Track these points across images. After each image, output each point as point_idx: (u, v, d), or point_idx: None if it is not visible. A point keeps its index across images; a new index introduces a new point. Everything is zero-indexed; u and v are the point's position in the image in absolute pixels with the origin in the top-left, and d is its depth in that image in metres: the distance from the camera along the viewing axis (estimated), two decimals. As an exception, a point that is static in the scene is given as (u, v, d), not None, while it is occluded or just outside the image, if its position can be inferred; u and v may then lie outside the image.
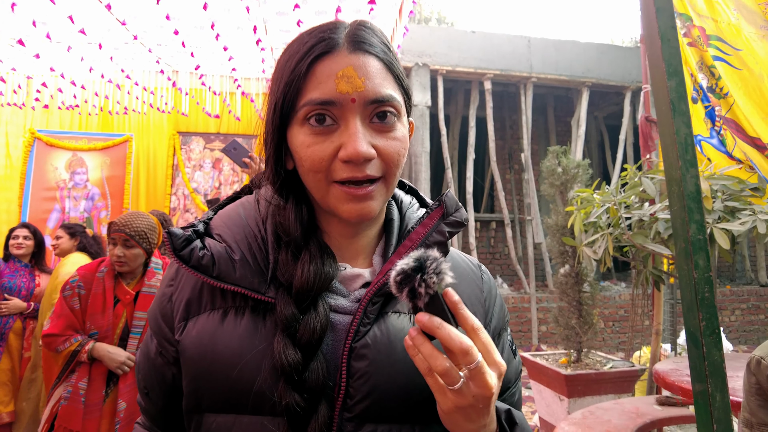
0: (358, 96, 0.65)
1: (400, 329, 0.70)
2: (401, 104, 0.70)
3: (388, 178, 0.69)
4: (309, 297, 0.66)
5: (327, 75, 0.65)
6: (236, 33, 3.71)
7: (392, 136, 0.68)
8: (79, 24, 3.35)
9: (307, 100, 0.66)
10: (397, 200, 0.83)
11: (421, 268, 0.58)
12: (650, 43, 1.22)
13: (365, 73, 0.66)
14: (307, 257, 0.69)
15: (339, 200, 0.68)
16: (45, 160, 4.91)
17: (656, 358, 3.35)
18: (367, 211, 0.68)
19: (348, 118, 0.66)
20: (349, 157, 0.64)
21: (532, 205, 7.81)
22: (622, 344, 7.56)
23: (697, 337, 1.12)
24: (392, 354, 0.68)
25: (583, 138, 8.04)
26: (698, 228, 1.15)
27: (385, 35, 0.73)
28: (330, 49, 0.66)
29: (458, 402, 0.58)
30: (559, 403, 3.53)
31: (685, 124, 1.18)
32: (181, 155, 5.45)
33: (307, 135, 0.67)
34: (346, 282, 0.73)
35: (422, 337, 0.59)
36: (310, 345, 0.65)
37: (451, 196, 0.80)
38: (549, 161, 4.15)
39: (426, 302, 0.59)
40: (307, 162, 0.67)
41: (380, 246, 0.78)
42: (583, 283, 3.80)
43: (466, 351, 0.57)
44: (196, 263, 0.68)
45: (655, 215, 2.54)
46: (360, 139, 0.64)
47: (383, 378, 0.67)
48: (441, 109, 7.63)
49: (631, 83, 8.19)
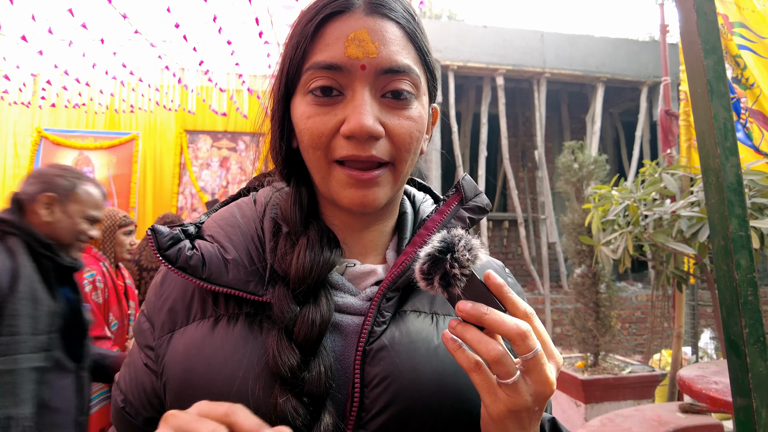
0: (369, 63, 0.57)
1: (423, 330, 0.61)
2: (421, 80, 0.61)
3: (398, 164, 0.60)
4: (307, 287, 0.58)
5: (336, 37, 0.58)
6: (241, 27, 3.63)
7: (406, 115, 0.59)
8: (80, 18, 3.29)
9: (311, 63, 0.58)
10: (409, 196, 0.75)
11: (449, 248, 0.50)
12: (685, 18, 1.10)
13: (381, 38, 0.57)
14: (304, 242, 0.61)
15: (340, 184, 0.59)
16: (52, 159, 4.88)
17: (677, 362, 3.21)
18: (371, 199, 0.59)
19: (355, 87, 0.57)
20: (351, 131, 0.56)
21: (546, 204, 7.66)
22: (639, 346, 7.38)
23: (739, 345, 1.00)
24: (415, 357, 0.58)
25: (598, 135, 7.87)
26: (740, 223, 1.02)
27: (413, 9, 0.64)
28: (344, 8, 0.58)
29: (512, 403, 0.48)
30: (576, 409, 3.40)
31: (724, 108, 1.06)
32: (188, 154, 5.41)
33: (309, 105, 0.59)
34: (356, 280, 0.65)
35: (466, 325, 0.50)
36: (309, 341, 0.55)
37: (470, 180, 0.71)
38: (565, 157, 4.01)
39: (464, 287, 0.50)
40: (306, 136, 0.59)
41: (394, 241, 0.69)
42: (600, 284, 3.66)
43: (525, 335, 0.48)
44: (184, 264, 0.60)
45: (677, 212, 2.41)
46: (366, 112, 0.56)
47: (405, 385, 0.56)
48: (452, 106, 7.51)
49: (648, 78, 8.00)
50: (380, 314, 0.60)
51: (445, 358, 0.59)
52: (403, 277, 0.62)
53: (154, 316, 0.65)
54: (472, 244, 0.51)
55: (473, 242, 0.51)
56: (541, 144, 7.72)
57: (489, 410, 0.50)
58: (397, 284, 0.62)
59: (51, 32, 3.56)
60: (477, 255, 0.51)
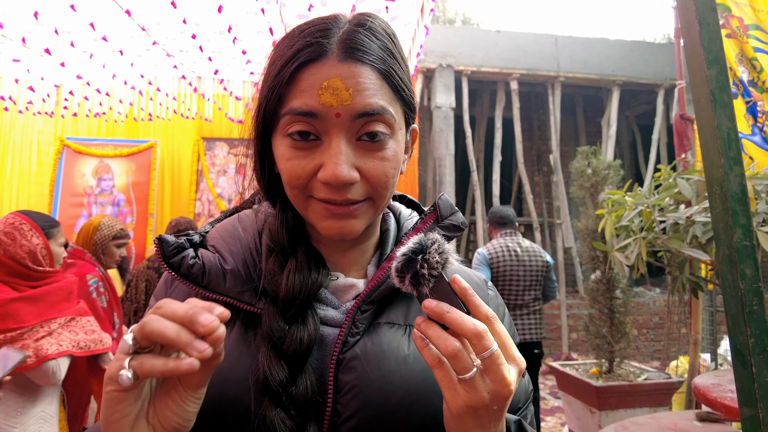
0: (344, 110, 0.59)
1: (394, 341, 0.64)
2: (395, 119, 0.62)
3: (377, 200, 0.64)
4: (295, 307, 0.62)
5: (310, 84, 0.59)
6: (255, 37, 3.69)
7: (381, 156, 0.62)
8: (101, 31, 3.38)
9: (288, 109, 0.60)
10: (395, 212, 0.79)
11: (422, 250, 0.54)
12: (687, 28, 1.10)
13: (354, 84, 0.59)
14: (293, 265, 0.64)
15: (317, 216, 0.63)
16: (73, 166, 5.00)
17: (695, 369, 3.16)
18: (348, 230, 0.63)
19: (331, 134, 0.60)
20: (327, 180, 0.59)
21: (561, 208, 7.60)
22: (657, 353, 7.26)
23: (744, 355, 1.00)
24: (384, 366, 0.62)
25: (614, 139, 7.79)
26: (744, 233, 1.02)
27: (389, 34, 0.65)
28: (317, 56, 0.60)
29: (470, 398, 0.51)
30: (590, 415, 3.37)
31: (727, 118, 1.06)
32: (205, 161, 5.49)
33: (288, 147, 0.62)
34: (339, 293, 0.69)
35: (430, 322, 0.53)
36: (297, 358, 0.59)
37: (446, 200, 0.74)
38: (578, 162, 3.99)
39: (431, 287, 0.53)
40: (285, 176, 0.63)
41: (376, 256, 0.73)
42: (615, 290, 3.62)
43: (480, 335, 0.50)
44: (186, 272, 0.65)
45: (692, 218, 2.39)
46: (341, 162, 0.59)
47: (374, 393, 0.60)
48: (466, 111, 7.50)
49: (664, 81, 7.90)
50: (354, 326, 0.64)
51: (414, 367, 0.63)
52: (378, 291, 0.66)
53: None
54: (444, 248, 0.54)
55: (446, 246, 0.54)
56: (556, 148, 7.67)
57: (449, 405, 0.52)
58: (372, 297, 0.66)
59: (73, 45, 3.67)
60: (447, 258, 0.54)
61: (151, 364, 0.47)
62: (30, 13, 3.09)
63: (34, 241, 1.90)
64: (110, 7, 3.12)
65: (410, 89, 0.67)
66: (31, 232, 1.90)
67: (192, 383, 0.50)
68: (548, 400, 5.77)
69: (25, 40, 3.57)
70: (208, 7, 3.12)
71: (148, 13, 3.31)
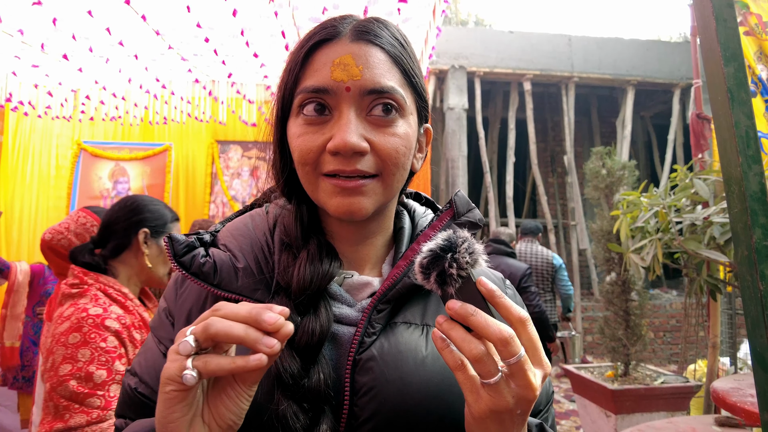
0: (354, 84, 0.61)
1: (411, 341, 0.63)
2: (405, 99, 0.64)
3: (386, 177, 0.63)
4: (307, 297, 0.61)
5: (323, 62, 0.62)
6: (268, 40, 3.71)
7: (391, 132, 0.63)
8: (117, 36, 3.43)
9: (302, 88, 0.63)
10: (409, 210, 0.78)
11: (451, 248, 0.52)
12: (704, 25, 1.09)
13: (364, 62, 0.62)
14: (304, 256, 0.64)
15: (327, 194, 0.63)
16: (90, 170, 5.08)
17: (714, 373, 3.11)
18: (357, 207, 0.62)
19: (342, 108, 0.61)
20: (336, 148, 0.60)
21: (576, 210, 7.54)
22: (675, 356, 7.14)
23: (765, 358, 0.98)
24: (402, 367, 0.61)
25: (629, 139, 7.71)
26: (764, 233, 1.00)
27: (401, 33, 0.68)
28: (331, 36, 0.63)
29: (494, 403, 0.49)
30: (606, 419, 3.32)
31: (745, 115, 1.04)
32: (219, 163, 5.53)
33: (300, 125, 0.64)
34: (354, 291, 0.68)
35: (453, 322, 0.51)
36: (309, 349, 0.59)
37: (462, 196, 0.74)
38: (593, 163, 3.95)
39: (458, 287, 0.51)
40: (296, 153, 0.64)
41: (390, 254, 0.73)
42: (630, 292, 3.58)
43: (507, 340, 0.49)
44: (197, 270, 0.65)
45: (710, 219, 2.35)
46: (350, 130, 0.60)
47: (391, 395, 0.59)
48: (479, 112, 7.48)
49: (680, 80, 7.80)
50: (371, 325, 0.63)
51: (432, 368, 0.62)
52: (394, 290, 0.65)
53: (175, 313, 0.70)
54: (475, 248, 0.52)
55: (476, 246, 0.53)
56: (570, 149, 7.61)
57: (471, 409, 0.51)
58: (388, 297, 0.65)
59: (90, 50, 3.73)
60: (477, 259, 0.52)
61: (217, 362, 0.48)
62: (49, 20, 3.14)
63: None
64: (126, 13, 3.16)
65: (422, 81, 0.68)
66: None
67: (249, 380, 0.51)
68: (563, 404, 5.71)
69: (44, 46, 3.64)
70: (222, 11, 3.15)
71: (163, 18, 3.35)
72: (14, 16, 3.25)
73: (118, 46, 3.61)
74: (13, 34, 3.47)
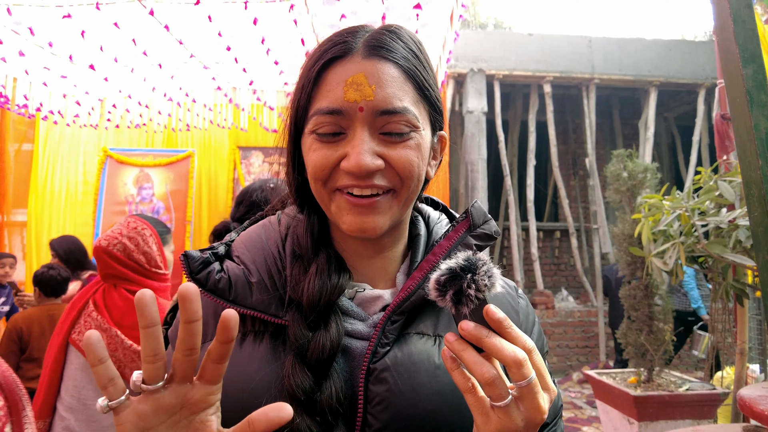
0: (367, 105, 0.61)
1: (425, 352, 0.64)
2: (418, 119, 0.64)
3: (401, 191, 0.64)
4: (317, 312, 0.62)
5: (336, 82, 0.62)
6: (288, 47, 3.77)
7: (404, 145, 0.63)
8: (142, 46, 3.52)
9: (315, 110, 0.63)
10: (424, 216, 0.78)
11: (470, 269, 0.52)
12: (721, 26, 1.08)
13: (377, 80, 0.61)
14: (314, 270, 0.65)
15: (340, 209, 0.64)
16: (116, 176, 5.21)
17: (742, 380, 3.02)
18: (370, 226, 0.63)
19: (355, 127, 0.62)
20: (351, 170, 0.61)
21: (598, 213, 7.43)
22: (701, 362, 6.96)
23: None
24: (415, 377, 0.61)
25: (651, 141, 7.57)
26: (785, 237, 0.98)
27: (416, 41, 0.67)
28: (343, 53, 0.63)
29: (503, 426, 0.50)
30: (629, 426, 3.26)
31: (765, 117, 1.03)
32: (241, 169, 5.62)
33: (315, 142, 0.64)
34: (365, 305, 0.68)
35: (464, 343, 0.52)
36: (321, 364, 0.60)
37: (479, 207, 0.73)
38: (614, 166, 3.89)
39: (472, 309, 0.52)
40: (310, 167, 0.65)
41: (405, 264, 0.72)
42: (653, 297, 3.51)
43: (521, 363, 0.49)
44: (213, 287, 0.66)
45: (735, 222, 2.30)
46: (363, 151, 0.60)
47: (405, 404, 0.60)
48: (498, 115, 7.44)
49: (705, 80, 7.63)
50: (384, 336, 0.63)
51: (444, 378, 0.62)
52: (408, 301, 0.65)
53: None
54: (493, 272, 0.53)
55: (494, 271, 0.53)
56: (591, 151, 7.51)
57: (480, 430, 0.52)
58: (402, 308, 0.65)
59: (116, 60, 3.84)
60: (494, 283, 0.53)
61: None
62: (78, 32, 3.25)
63: (154, 248, 2.00)
64: (150, 23, 3.25)
65: (436, 92, 0.68)
66: (151, 237, 2.00)
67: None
68: (585, 410, 5.62)
69: (72, 57, 3.76)
70: (243, 19, 3.21)
71: (186, 28, 3.43)
72: (45, 30, 3.37)
73: (143, 56, 3.70)
74: (44, 46, 3.59)
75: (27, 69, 4.10)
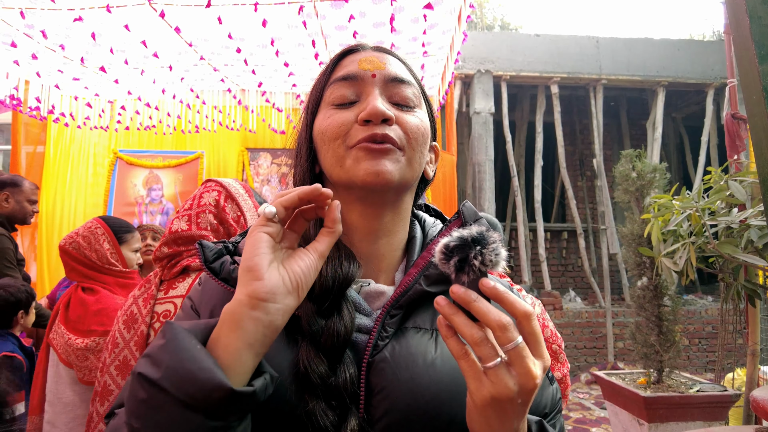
0: (379, 73, 0.72)
1: (421, 344, 0.66)
2: (420, 98, 0.75)
3: (408, 152, 0.71)
4: (330, 299, 0.65)
5: (351, 61, 0.75)
6: (297, 49, 3.79)
7: (412, 113, 0.73)
8: (152, 48, 3.56)
9: (332, 80, 0.74)
10: (420, 220, 0.82)
11: (480, 242, 0.53)
12: (736, 23, 1.08)
13: (386, 60, 0.74)
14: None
15: (355, 161, 0.68)
16: (125, 177, 5.25)
17: (753, 382, 3.01)
18: (385, 169, 0.67)
19: (369, 90, 0.71)
20: (368, 114, 0.68)
21: (606, 214, 7.41)
22: (711, 364, 6.92)
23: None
24: (412, 368, 0.63)
25: (659, 141, 7.54)
26: (802, 234, 0.98)
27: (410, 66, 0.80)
28: (356, 49, 0.77)
29: (496, 389, 0.51)
30: (639, 427, 3.25)
31: (781, 115, 1.02)
32: (249, 171, 5.64)
33: (330, 108, 0.72)
34: (370, 299, 0.71)
35: (455, 307, 0.54)
36: (335, 350, 0.62)
37: (469, 206, 0.76)
38: (622, 165, 3.88)
39: (471, 280, 0.53)
40: (327, 131, 0.70)
41: (403, 263, 0.76)
42: (662, 297, 3.49)
43: (504, 326, 0.51)
44: (227, 276, 0.68)
45: (747, 221, 2.29)
46: (379, 101, 0.69)
47: (403, 394, 0.62)
48: (505, 116, 7.43)
49: (714, 80, 7.59)
50: (384, 330, 0.66)
51: (441, 369, 0.64)
52: (405, 296, 0.68)
53: (200, 309, 0.72)
54: (501, 251, 0.54)
55: (502, 252, 0.54)
56: (599, 152, 7.49)
57: (473, 396, 0.53)
58: (400, 303, 0.68)
59: (126, 62, 3.87)
60: (500, 262, 0.54)
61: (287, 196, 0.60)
62: (89, 35, 3.28)
63: (106, 246, 2.08)
64: (160, 26, 3.28)
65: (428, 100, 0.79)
66: (103, 236, 2.08)
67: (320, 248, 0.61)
68: (593, 410, 5.60)
69: (83, 59, 3.80)
70: (252, 21, 3.24)
71: (196, 30, 3.45)
72: (57, 33, 3.41)
73: (153, 58, 3.73)
74: (56, 49, 3.63)
75: (39, 71, 4.14)
